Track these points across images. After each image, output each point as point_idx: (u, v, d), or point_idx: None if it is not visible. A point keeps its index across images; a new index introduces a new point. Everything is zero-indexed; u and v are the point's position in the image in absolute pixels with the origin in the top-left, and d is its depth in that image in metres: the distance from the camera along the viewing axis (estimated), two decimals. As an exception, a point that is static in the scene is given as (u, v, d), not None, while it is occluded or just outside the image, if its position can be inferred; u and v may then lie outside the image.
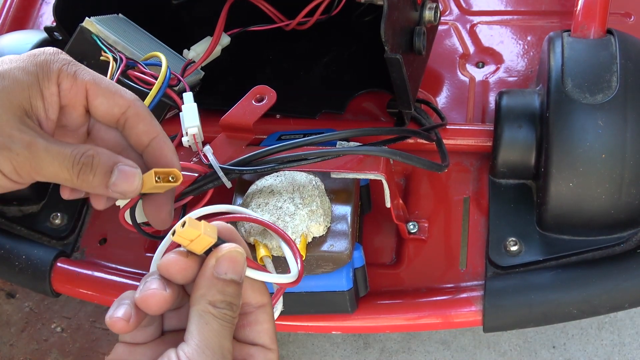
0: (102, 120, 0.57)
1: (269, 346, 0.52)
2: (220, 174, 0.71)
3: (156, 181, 0.55)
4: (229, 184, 0.73)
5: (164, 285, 0.49)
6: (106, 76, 0.75)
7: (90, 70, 0.56)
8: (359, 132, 0.77)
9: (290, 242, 0.57)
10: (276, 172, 0.76)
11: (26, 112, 0.53)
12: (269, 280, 0.54)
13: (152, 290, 0.49)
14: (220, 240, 0.51)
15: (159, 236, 0.65)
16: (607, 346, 1.15)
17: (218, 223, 0.52)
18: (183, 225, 0.49)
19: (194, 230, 0.49)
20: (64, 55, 0.55)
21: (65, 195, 0.57)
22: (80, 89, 0.55)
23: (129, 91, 0.58)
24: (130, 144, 0.58)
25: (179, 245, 0.51)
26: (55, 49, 0.56)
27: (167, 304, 0.49)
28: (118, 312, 0.49)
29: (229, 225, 0.53)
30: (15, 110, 0.52)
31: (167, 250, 0.53)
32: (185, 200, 0.72)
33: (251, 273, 0.52)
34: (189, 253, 0.50)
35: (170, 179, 0.57)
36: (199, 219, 0.51)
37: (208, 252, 0.50)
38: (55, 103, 0.54)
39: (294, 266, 0.56)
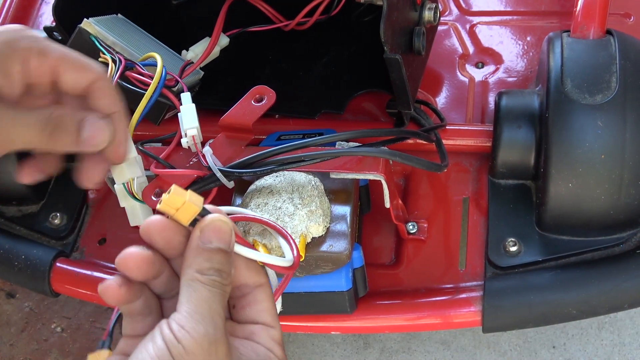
0: (69, 92, 0.57)
1: (271, 324, 0.52)
2: (219, 175, 0.71)
3: None
4: (230, 185, 0.73)
5: (144, 248, 0.50)
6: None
7: (57, 45, 0.56)
8: (358, 134, 0.77)
9: (282, 232, 0.57)
10: (275, 173, 0.76)
11: None
12: (262, 259, 0.54)
13: (130, 251, 0.50)
14: (206, 211, 0.51)
15: None
16: (607, 346, 1.15)
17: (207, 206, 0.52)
18: (169, 193, 0.49)
19: (179, 197, 0.49)
20: (29, 32, 0.55)
21: (25, 179, 0.57)
22: (49, 65, 0.55)
23: (96, 63, 0.58)
24: None
25: None
26: (21, 26, 0.55)
27: (146, 265, 0.50)
28: (108, 281, 0.50)
29: (215, 207, 0.53)
30: None
31: None
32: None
33: (244, 251, 0.52)
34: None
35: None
36: None
37: (194, 223, 0.50)
38: (19, 81, 0.55)
39: (289, 252, 0.56)
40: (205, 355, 0.45)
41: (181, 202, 0.49)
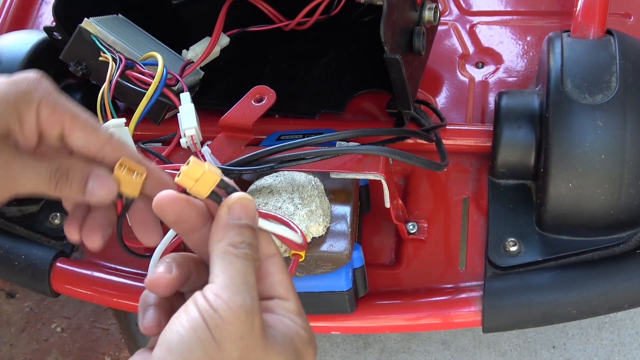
0: (80, 153, 0.57)
1: (285, 297, 0.51)
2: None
3: (121, 172, 0.55)
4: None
5: (171, 267, 0.50)
6: (106, 76, 0.75)
7: (70, 103, 0.57)
8: (358, 133, 0.77)
9: (284, 221, 0.58)
10: (275, 172, 0.76)
11: (3, 137, 0.53)
12: (278, 232, 0.55)
13: (158, 274, 0.50)
14: (224, 183, 0.51)
15: (144, 255, 0.66)
16: (607, 346, 1.15)
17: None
18: (187, 164, 0.50)
19: (198, 168, 0.50)
20: (45, 85, 0.56)
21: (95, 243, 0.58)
22: (57, 120, 0.56)
23: (103, 129, 0.58)
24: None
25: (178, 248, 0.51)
26: (38, 75, 0.56)
27: (173, 285, 0.50)
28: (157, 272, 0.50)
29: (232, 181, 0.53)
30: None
31: (167, 250, 0.53)
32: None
33: (264, 224, 0.53)
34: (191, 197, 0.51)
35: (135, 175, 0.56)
36: None
37: (212, 196, 0.51)
38: (33, 131, 0.55)
39: (297, 235, 0.57)
40: (242, 325, 0.45)
41: (200, 172, 0.50)
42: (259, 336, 0.46)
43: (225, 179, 0.52)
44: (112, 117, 0.72)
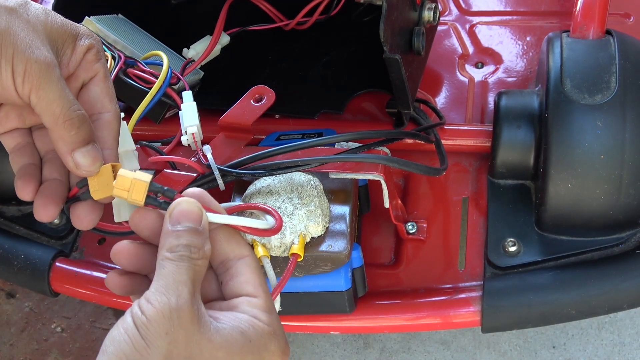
0: (84, 101, 0.59)
1: (253, 294, 0.54)
2: (217, 173, 0.71)
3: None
4: (222, 187, 0.73)
5: (133, 242, 0.55)
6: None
7: (106, 65, 0.60)
8: (357, 135, 0.77)
9: (257, 206, 0.60)
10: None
11: (57, 49, 0.56)
12: (237, 223, 0.56)
13: (119, 245, 0.56)
14: (156, 186, 0.54)
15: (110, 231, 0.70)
16: (607, 346, 1.15)
17: (189, 190, 0.55)
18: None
19: (125, 178, 0.54)
20: (100, 44, 0.59)
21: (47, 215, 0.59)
22: (95, 68, 0.59)
23: (117, 101, 0.61)
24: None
25: None
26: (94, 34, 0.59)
27: (135, 257, 0.56)
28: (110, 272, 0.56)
29: (197, 189, 0.56)
30: (51, 38, 0.55)
31: None
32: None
33: (219, 218, 0.55)
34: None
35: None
36: None
37: (150, 202, 0.54)
38: (75, 63, 0.58)
39: (269, 218, 0.58)
40: (166, 322, 0.48)
41: (128, 182, 0.53)
42: (190, 330, 0.48)
43: (156, 183, 0.55)
44: None
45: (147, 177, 0.54)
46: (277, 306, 0.67)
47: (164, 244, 0.52)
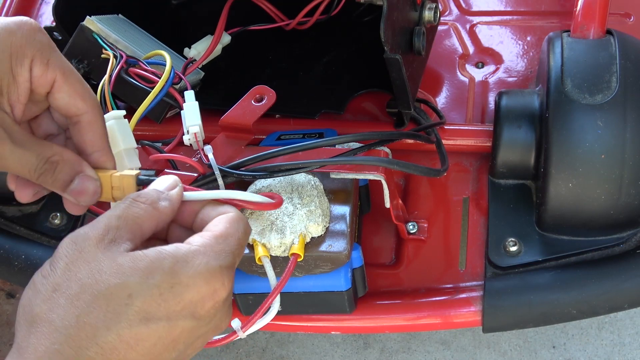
0: (57, 110, 0.58)
1: (208, 228, 0.54)
2: (218, 174, 0.71)
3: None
4: (223, 187, 0.72)
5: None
6: (105, 74, 0.75)
7: (63, 60, 0.57)
8: (358, 137, 0.77)
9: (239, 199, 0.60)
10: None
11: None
12: (234, 197, 0.58)
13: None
14: (142, 180, 0.58)
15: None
16: (607, 346, 1.15)
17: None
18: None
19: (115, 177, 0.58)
20: (40, 37, 0.56)
21: (24, 198, 0.60)
22: (49, 79, 0.56)
23: (94, 95, 0.59)
24: (73, 143, 0.60)
25: None
26: (33, 24, 0.56)
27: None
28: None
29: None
30: None
31: None
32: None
33: (197, 195, 0.57)
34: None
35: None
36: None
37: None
38: (26, 89, 0.56)
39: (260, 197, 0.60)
40: (70, 246, 0.50)
41: (118, 180, 0.58)
42: (91, 252, 0.49)
43: (142, 176, 0.58)
44: (112, 109, 0.72)
45: (132, 171, 0.58)
46: (277, 306, 0.67)
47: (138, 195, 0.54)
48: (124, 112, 0.67)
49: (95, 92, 0.74)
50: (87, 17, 0.81)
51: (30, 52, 0.54)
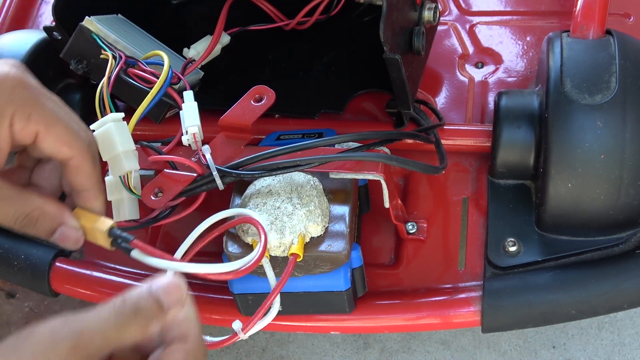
0: (44, 156, 0.59)
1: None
2: (215, 174, 0.71)
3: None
4: (221, 187, 0.73)
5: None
6: (104, 74, 0.75)
7: (47, 110, 0.57)
8: (357, 137, 0.77)
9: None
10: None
11: None
12: (196, 271, 0.59)
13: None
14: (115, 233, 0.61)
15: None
16: (607, 346, 1.15)
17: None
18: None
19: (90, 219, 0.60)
20: (21, 92, 0.56)
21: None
22: (32, 131, 0.57)
23: (83, 137, 0.60)
24: (63, 183, 0.61)
25: None
26: (16, 78, 0.56)
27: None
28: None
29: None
30: None
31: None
32: (179, 201, 0.72)
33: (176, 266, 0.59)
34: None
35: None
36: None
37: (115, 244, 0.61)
38: (7, 143, 0.56)
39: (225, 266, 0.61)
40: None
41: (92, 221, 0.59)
42: None
43: (116, 231, 0.60)
44: (111, 111, 0.72)
45: (107, 223, 0.60)
46: (277, 306, 0.67)
47: (133, 294, 0.50)
48: (122, 114, 0.68)
49: (95, 93, 0.75)
50: (87, 17, 0.81)
51: (10, 110, 0.55)
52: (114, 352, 0.50)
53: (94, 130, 0.69)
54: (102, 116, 0.71)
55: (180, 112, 0.76)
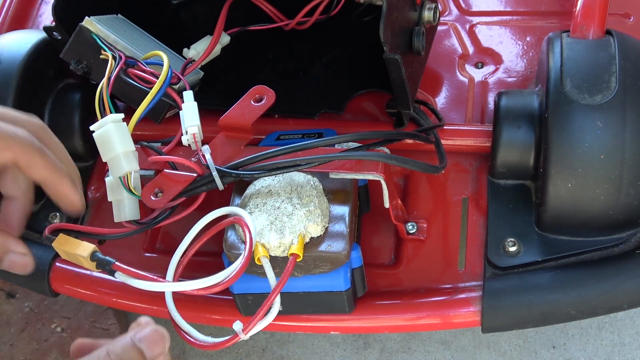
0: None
1: None
2: (215, 174, 0.71)
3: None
4: (221, 187, 0.73)
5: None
6: (104, 74, 0.76)
7: (46, 164, 0.60)
8: (357, 137, 0.77)
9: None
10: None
11: None
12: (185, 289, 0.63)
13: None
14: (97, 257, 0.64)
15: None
16: (607, 346, 1.15)
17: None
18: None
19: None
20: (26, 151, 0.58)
21: None
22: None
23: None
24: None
25: None
26: (23, 142, 0.58)
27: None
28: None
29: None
30: None
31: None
32: (178, 201, 0.72)
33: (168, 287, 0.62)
34: None
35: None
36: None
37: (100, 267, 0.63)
38: None
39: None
40: None
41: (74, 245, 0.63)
42: None
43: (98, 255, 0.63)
44: (111, 112, 0.72)
45: (88, 248, 0.62)
46: (277, 306, 0.67)
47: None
48: (122, 115, 0.68)
49: (95, 93, 0.75)
50: (86, 17, 0.81)
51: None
52: None
53: (93, 131, 0.69)
54: (102, 116, 0.71)
55: (180, 112, 0.76)
